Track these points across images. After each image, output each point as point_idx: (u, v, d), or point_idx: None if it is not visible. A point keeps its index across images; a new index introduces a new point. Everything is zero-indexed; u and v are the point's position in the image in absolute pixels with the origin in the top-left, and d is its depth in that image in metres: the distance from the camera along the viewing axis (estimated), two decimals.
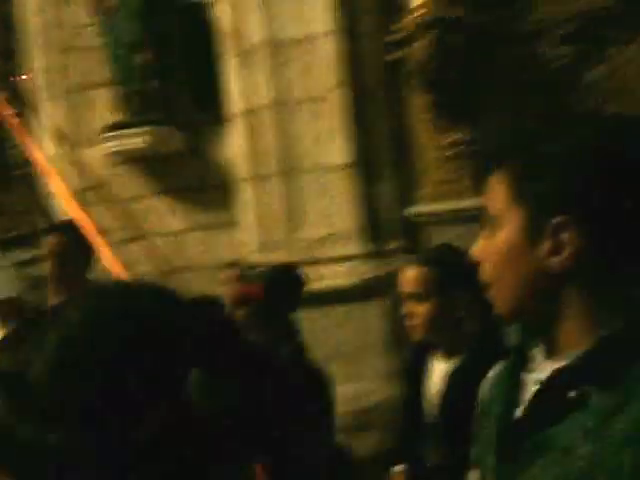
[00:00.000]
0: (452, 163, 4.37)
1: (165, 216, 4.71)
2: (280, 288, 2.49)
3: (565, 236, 0.76)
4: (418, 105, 4.33)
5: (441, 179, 4.41)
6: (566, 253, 0.76)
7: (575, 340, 0.80)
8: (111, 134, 4.46)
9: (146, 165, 4.65)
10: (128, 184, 4.71)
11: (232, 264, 3.69)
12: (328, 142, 4.29)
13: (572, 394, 0.77)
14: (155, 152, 4.51)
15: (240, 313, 2.38)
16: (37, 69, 5.02)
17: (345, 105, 4.27)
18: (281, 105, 4.29)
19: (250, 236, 4.37)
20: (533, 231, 0.78)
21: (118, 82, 4.50)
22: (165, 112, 4.49)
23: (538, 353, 0.89)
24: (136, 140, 4.38)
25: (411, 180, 4.35)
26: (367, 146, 4.32)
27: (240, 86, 4.39)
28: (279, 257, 4.20)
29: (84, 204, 4.72)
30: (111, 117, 4.58)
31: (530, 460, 0.77)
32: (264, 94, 4.30)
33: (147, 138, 4.38)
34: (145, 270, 4.59)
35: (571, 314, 0.80)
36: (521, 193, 0.79)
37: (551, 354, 0.86)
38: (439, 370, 2.00)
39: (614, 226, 0.75)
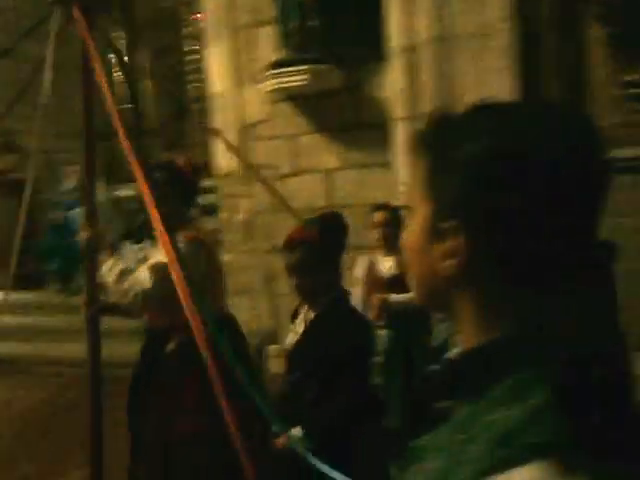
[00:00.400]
0: (632, 105, 3.96)
1: (321, 153, 4.76)
2: (332, 232, 2.50)
3: (456, 242, 0.72)
4: (595, 39, 3.94)
5: (618, 122, 4.01)
6: (457, 259, 0.73)
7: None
8: (273, 72, 4.54)
9: (305, 102, 4.69)
10: (288, 121, 4.80)
11: (382, 206, 3.64)
12: (492, 81, 4.04)
13: (439, 405, 0.75)
14: (314, 90, 4.54)
15: (293, 257, 2.41)
16: (209, 9, 5.21)
17: (513, 40, 3.98)
18: (443, 41, 4.10)
19: (403, 177, 4.29)
20: (432, 230, 0.75)
21: (281, 20, 4.54)
22: (325, 49, 4.47)
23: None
24: (296, 78, 4.43)
25: None
26: (536, 85, 4.01)
27: (401, 22, 4.24)
28: None
29: (246, 140, 4.90)
30: (274, 55, 4.66)
31: (407, 465, 0.75)
32: (425, 30, 4.12)
33: (306, 76, 4.41)
34: (298, 206, 4.70)
35: (464, 320, 0.77)
36: (429, 188, 0.76)
37: None
38: None
39: (506, 240, 0.71)
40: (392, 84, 4.40)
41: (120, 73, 8.36)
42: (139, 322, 2.87)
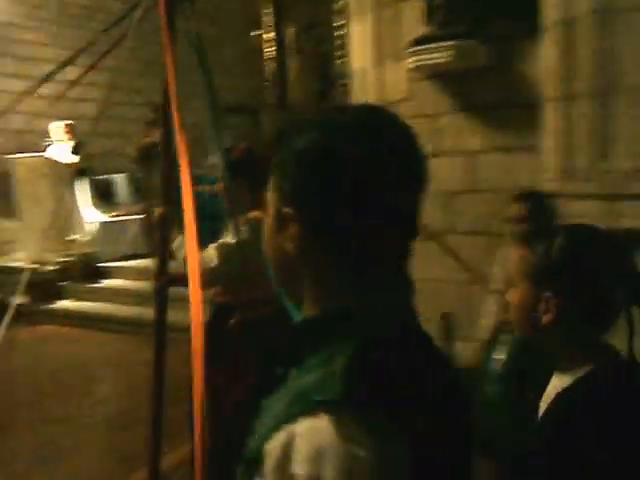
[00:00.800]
0: None
1: (464, 134, 4.55)
2: None
3: (294, 228, 0.85)
4: None
5: None
6: (294, 243, 0.85)
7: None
8: (415, 48, 4.39)
9: (449, 80, 4.50)
10: (430, 100, 4.63)
11: (524, 196, 3.33)
12: None
13: (279, 370, 0.89)
14: (458, 67, 4.33)
15: None
16: None
17: None
18: (603, 14, 3.74)
19: (551, 162, 4.00)
20: (277, 219, 0.87)
21: None
22: (471, 25, 4.24)
23: None
24: (439, 55, 4.24)
25: None
26: None
27: None
28: (579, 188, 3.80)
29: None
30: (418, 31, 4.49)
31: (256, 420, 0.85)
32: (584, 1, 3.78)
33: (450, 52, 4.21)
34: (433, 188, 4.54)
35: (306, 297, 0.88)
36: (276, 178, 0.89)
37: None
38: (552, 386, 1.41)
39: (331, 230, 0.83)
40: (544, 61, 4.10)
41: (271, 49, 8.53)
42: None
